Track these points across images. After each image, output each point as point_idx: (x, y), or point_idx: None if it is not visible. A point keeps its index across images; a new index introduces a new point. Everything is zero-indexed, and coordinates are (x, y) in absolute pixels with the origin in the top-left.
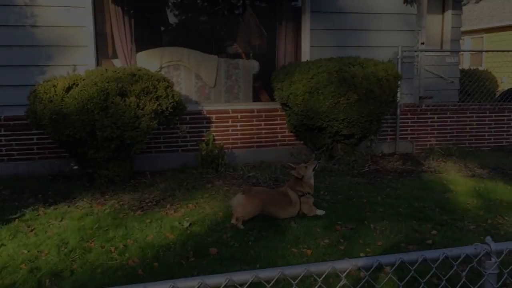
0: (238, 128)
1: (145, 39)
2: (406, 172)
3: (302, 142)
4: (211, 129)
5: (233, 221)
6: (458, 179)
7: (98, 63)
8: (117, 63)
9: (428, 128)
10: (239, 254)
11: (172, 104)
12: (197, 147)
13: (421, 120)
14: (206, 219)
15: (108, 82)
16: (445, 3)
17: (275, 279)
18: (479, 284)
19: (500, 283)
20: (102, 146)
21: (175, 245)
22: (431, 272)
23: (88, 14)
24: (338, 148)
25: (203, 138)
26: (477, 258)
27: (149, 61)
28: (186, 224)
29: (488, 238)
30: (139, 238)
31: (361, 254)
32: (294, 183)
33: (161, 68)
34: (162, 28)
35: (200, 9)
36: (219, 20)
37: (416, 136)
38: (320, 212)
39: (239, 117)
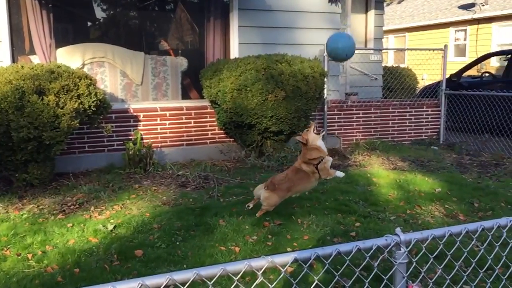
0: (167, 126)
1: (66, 34)
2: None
3: (232, 139)
4: (139, 127)
5: (251, 204)
6: (381, 172)
7: (13, 59)
8: (36, 59)
9: (354, 123)
10: (166, 255)
11: (95, 102)
12: (124, 147)
13: (347, 116)
14: (132, 221)
15: (24, 80)
16: (368, 3)
17: (190, 280)
18: (390, 273)
19: (409, 271)
20: (18, 148)
21: (98, 249)
22: (345, 264)
23: (2, 7)
24: (267, 145)
25: (130, 137)
26: (388, 248)
27: (71, 57)
28: (110, 227)
29: (398, 229)
30: (59, 243)
31: (288, 249)
32: (304, 153)
33: (83, 65)
34: (86, 23)
35: (127, 4)
36: (147, 16)
37: (342, 131)
38: (339, 173)
39: (167, 115)
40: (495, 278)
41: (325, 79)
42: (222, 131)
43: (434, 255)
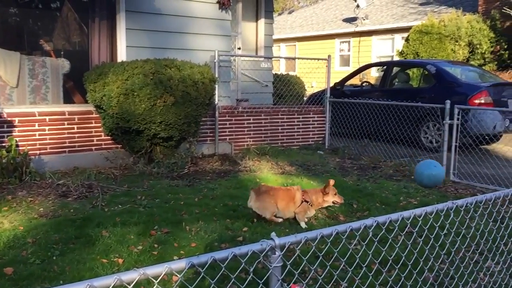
0: (47, 132)
1: None
2: (224, 172)
3: (119, 146)
4: (14, 134)
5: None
6: (270, 177)
7: None
8: None
9: (245, 129)
10: (40, 271)
11: None
12: None
13: (238, 121)
14: (3, 236)
15: None
16: (258, 12)
17: None
18: (265, 277)
19: (284, 274)
20: None
21: None
22: (221, 271)
23: None
24: (157, 151)
25: (4, 144)
26: (263, 253)
27: None
28: None
29: (273, 234)
30: None
31: (175, 257)
32: (314, 191)
33: None
34: None
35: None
36: (26, 14)
37: (234, 137)
38: (303, 224)
39: (47, 120)
40: (367, 275)
41: (216, 85)
42: (109, 137)
43: (307, 256)
